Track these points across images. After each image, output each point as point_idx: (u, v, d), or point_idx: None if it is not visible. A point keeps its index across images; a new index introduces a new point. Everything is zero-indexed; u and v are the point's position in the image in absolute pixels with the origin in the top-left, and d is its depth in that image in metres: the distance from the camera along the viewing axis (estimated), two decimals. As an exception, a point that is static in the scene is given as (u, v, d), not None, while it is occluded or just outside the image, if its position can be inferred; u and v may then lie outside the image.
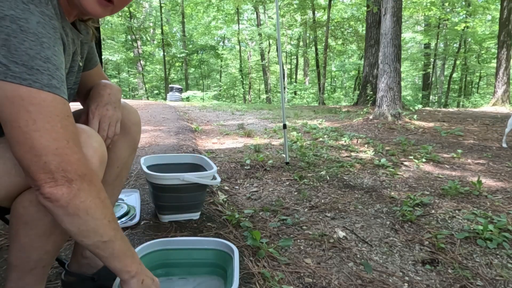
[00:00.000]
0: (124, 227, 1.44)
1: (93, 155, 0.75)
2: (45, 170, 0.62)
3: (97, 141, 0.78)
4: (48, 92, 0.62)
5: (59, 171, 0.63)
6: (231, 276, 0.92)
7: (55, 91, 0.63)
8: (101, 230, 0.71)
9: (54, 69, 0.63)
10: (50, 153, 0.62)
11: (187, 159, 1.79)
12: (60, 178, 0.63)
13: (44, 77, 0.61)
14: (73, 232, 0.69)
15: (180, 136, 3.87)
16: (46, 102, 0.61)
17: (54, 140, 0.62)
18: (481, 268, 1.41)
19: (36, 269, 0.79)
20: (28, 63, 0.59)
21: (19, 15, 0.59)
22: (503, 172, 2.85)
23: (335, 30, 16.95)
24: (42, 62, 0.61)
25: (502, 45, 9.90)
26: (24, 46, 0.59)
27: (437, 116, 6.91)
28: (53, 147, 0.62)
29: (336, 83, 25.87)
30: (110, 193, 1.04)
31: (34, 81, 0.60)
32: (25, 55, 0.59)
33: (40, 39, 0.61)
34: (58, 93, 0.64)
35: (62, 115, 0.64)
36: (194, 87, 24.10)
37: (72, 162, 0.64)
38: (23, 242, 0.75)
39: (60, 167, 0.63)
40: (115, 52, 18.52)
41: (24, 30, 0.59)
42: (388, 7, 5.73)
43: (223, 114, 7.42)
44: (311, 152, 3.44)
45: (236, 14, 20.92)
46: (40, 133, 0.61)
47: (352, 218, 1.88)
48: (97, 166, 0.76)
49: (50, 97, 0.62)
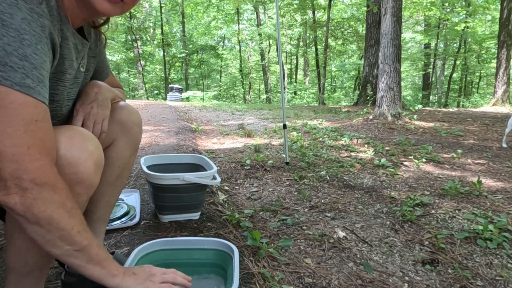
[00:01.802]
0: (124, 227, 1.44)
1: (87, 159, 0.73)
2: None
3: (93, 144, 0.76)
4: (19, 91, 0.58)
5: (12, 179, 0.59)
6: (231, 276, 0.92)
7: (27, 91, 0.59)
8: (69, 240, 0.67)
9: (31, 68, 0.60)
10: (6, 159, 0.58)
11: (187, 159, 1.79)
12: (12, 186, 0.59)
13: (17, 75, 0.58)
14: (40, 241, 0.66)
15: (180, 136, 3.87)
16: (13, 105, 0.58)
17: (13, 146, 0.58)
18: (481, 268, 1.41)
19: (34, 272, 0.78)
20: (2, 59, 0.57)
21: (4, 9, 0.57)
22: (503, 172, 2.85)
23: (335, 30, 16.95)
24: (18, 60, 0.58)
25: (502, 45, 9.90)
26: (2, 41, 0.56)
27: (437, 116, 6.91)
28: (11, 153, 0.58)
29: (336, 83, 25.86)
30: (111, 193, 1.05)
31: (5, 78, 0.57)
32: (1, 50, 0.56)
33: (22, 35, 0.59)
34: (31, 94, 0.60)
35: (28, 119, 0.60)
36: (194, 87, 24.10)
37: (30, 170, 0.60)
38: (19, 246, 0.74)
39: (14, 175, 0.59)
40: (115, 52, 18.52)
41: (6, 25, 0.57)
42: (388, 7, 5.73)
43: (223, 114, 7.42)
44: (311, 152, 3.44)
45: (236, 14, 20.91)
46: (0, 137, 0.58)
47: (352, 218, 1.88)
48: (91, 169, 0.74)
49: (20, 99, 0.59)
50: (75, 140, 0.73)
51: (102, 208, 1.04)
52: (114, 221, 1.44)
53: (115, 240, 1.34)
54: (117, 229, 1.42)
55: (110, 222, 1.42)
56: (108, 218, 1.10)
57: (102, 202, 1.03)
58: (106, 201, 1.04)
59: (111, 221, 1.43)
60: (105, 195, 1.02)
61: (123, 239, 1.35)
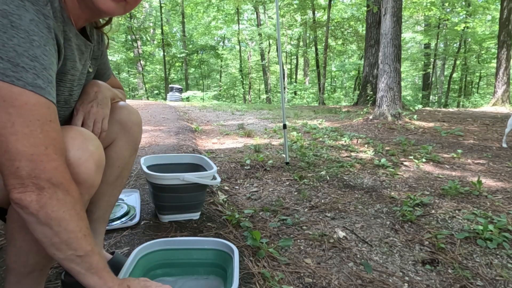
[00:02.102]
0: (124, 227, 1.44)
1: (88, 159, 0.73)
2: (16, 176, 0.59)
3: (94, 145, 0.76)
4: (32, 92, 0.59)
5: (30, 178, 0.60)
6: (231, 276, 0.92)
7: (39, 91, 0.60)
8: (75, 244, 0.67)
9: (41, 69, 0.61)
10: (24, 158, 0.59)
11: (187, 159, 1.79)
12: (30, 185, 0.60)
13: (29, 76, 0.59)
14: (45, 244, 0.66)
15: (180, 136, 3.87)
16: (28, 105, 0.59)
17: (31, 146, 0.59)
18: (481, 268, 1.41)
19: (34, 273, 0.78)
20: (14, 60, 0.57)
21: (13, 10, 0.58)
22: (503, 172, 2.85)
23: (335, 30, 16.95)
24: (29, 60, 0.59)
25: (502, 45, 9.91)
26: (12, 43, 0.57)
27: (437, 116, 6.91)
28: (29, 152, 0.59)
29: (336, 83, 25.86)
30: (111, 193, 1.04)
31: (17, 78, 0.57)
32: (12, 51, 0.57)
33: (31, 36, 0.59)
34: (43, 94, 0.61)
35: (43, 120, 0.61)
36: (194, 87, 24.10)
37: (47, 169, 0.61)
38: (19, 246, 0.74)
39: (32, 174, 0.60)
40: (115, 52, 18.53)
41: (15, 26, 0.58)
42: (388, 7, 5.73)
43: (223, 114, 7.42)
44: (311, 152, 3.44)
45: (236, 14, 20.92)
46: (17, 137, 0.58)
47: (352, 218, 1.88)
48: (92, 170, 0.74)
49: (33, 99, 0.59)
50: (76, 140, 0.73)
51: (102, 208, 1.04)
52: (114, 221, 1.44)
53: (115, 240, 1.34)
54: (117, 229, 1.42)
55: (110, 222, 1.42)
56: (108, 218, 1.10)
57: (102, 202, 1.03)
58: (106, 201, 1.04)
59: (111, 221, 1.43)
60: (105, 195, 1.02)
61: (123, 239, 1.35)
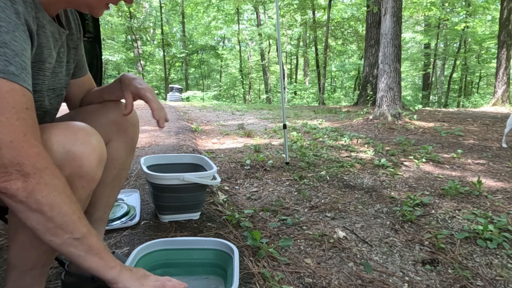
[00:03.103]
0: (124, 227, 1.44)
1: (91, 153, 0.74)
2: None
3: (96, 139, 0.76)
4: (4, 79, 0.57)
5: (13, 165, 0.58)
6: (231, 276, 0.92)
7: (12, 78, 0.58)
8: (71, 226, 0.66)
9: (12, 55, 0.58)
10: (3, 146, 0.58)
11: (187, 159, 1.79)
12: (14, 172, 0.59)
13: (0, 63, 0.56)
14: (40, 231, 0.65)
15: (180, 136, 3.87)
16: (1, 93, 0.57)
17: (8, 133, 0.58)
18: (481, 268, 1.41)
19: (35, 269, 0.79)
20: None
21: None
22: (503, 172, 2.85)
23: (335, 30, 16.95)
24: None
25: (502, 45, 9.91)
26: None
27: (437, 116, 6.91)
28: (8, 140, 0.58)
29: (336, 83, 25.86)
30: (109, 194, 1.04)
31: None
32: None
33: None
34: (17, 81, 0.59)
35: (19, 107, 0.59)
36: (194, 87, 24.10)
37: (30, 155, 0.60)
38: (22, 241, 0.74)
39: (15, 161, 0.58)
40: (115, 52, 18.50)
41: None
42: (388, 7, 5.73)
43: (223, 114, 7.42)
44: (311, 152, 3.44)
45: (236, 14, 20.92)
46: None
47: (352, 218, 1.88)
48: (95, 164, 0.75)
49: (7, 86, 0.57)
50: (79, 134, 0.74)
51: (100, 209, 1.04)
52: (114, 221, 1.44)
53: (115, 240, 1.34)
54: (117, 229, 1.42)
55: (110, 222, 1.42)
56: (107, 218, 1.10)
57: (100, 203, 1.03)
58: (104, 202, 1.04)
59: (111, 221, 1.43)
60: (103, 196, 1.02)
61: (123, 239, 1.35)
